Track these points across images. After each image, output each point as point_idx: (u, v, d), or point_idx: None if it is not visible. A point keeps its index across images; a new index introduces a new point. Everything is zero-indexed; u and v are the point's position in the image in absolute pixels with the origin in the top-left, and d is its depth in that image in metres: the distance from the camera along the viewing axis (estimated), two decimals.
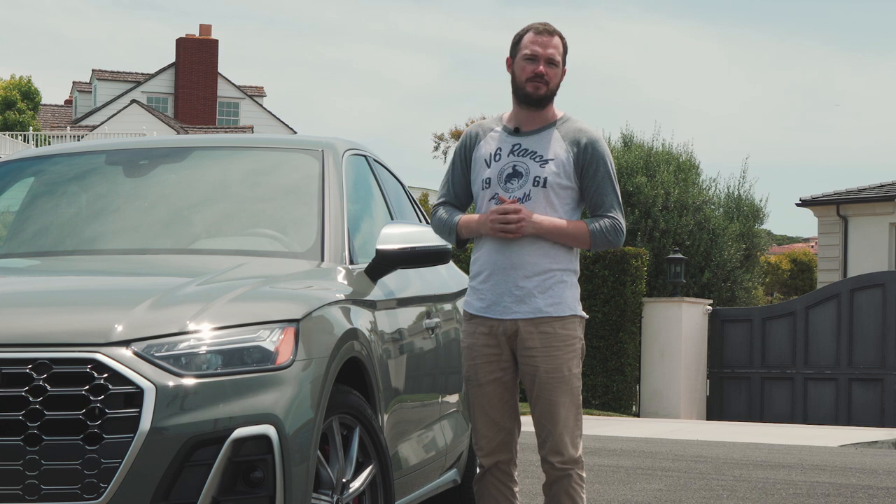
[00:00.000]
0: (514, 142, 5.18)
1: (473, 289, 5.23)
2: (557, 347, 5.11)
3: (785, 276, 44.93)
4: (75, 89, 57.79)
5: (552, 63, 5.13)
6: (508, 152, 5.16)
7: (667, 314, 24.26)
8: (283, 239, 5.66)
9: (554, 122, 5.19)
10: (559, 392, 5.11)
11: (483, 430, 5.22)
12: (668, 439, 16.20)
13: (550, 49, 5.12)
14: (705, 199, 29.12)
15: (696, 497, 9.33)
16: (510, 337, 5.14)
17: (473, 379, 5.22)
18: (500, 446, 5.23)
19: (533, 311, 5.10)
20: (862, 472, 11.70)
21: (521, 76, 5.14)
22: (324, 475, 4.74)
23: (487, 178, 5.16)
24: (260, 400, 4.44)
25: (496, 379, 5.19)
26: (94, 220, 5.91)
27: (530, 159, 5.13)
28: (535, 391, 5.14)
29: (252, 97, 57.41)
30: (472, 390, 5.23)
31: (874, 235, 30.65)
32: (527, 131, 5.18)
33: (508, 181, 5.13)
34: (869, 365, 23.93)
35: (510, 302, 5.11)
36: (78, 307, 4.62)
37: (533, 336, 5.10)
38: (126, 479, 4.26)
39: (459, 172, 5.29)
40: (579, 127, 5.19)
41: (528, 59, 5.13)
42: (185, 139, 6.41)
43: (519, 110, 5.21)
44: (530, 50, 5.13)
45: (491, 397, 5.20)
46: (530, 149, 5.15)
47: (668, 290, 25.64)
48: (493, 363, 5.18)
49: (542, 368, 5.10)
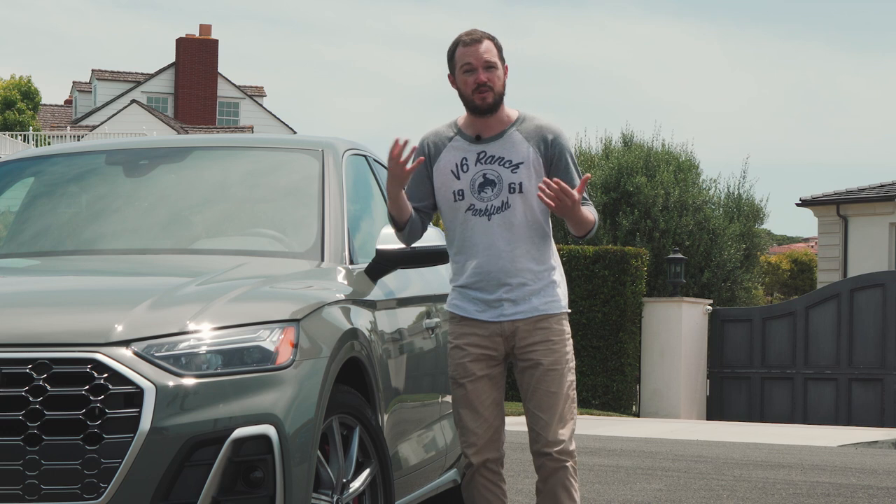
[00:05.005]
0: (478, 150, 5.23)
1: (462, 292, 5.30)
2: (555, 342, 5.25)
3: (785, 276, 44.94)
4: (75, 89, 57.79)
5: (490, 67, 5.17)
6: (475, 161, 5.21)
7: (667, 314, 24.26)
8: (283, 239, 5.66)
9: (512, 123, 5.25)
10: (557, 384, 5.24)
11: (473, 427, 5.28)
12: (668, 439, 16.20)
13: (484, 55, 5.16)
14: (705, 199, 29.14)
15: (696, 497, 9.33)
16: (507, 337, 5.25)
17: (463, 376, 5.29)
18: (489, 443, 5.30)
19: (530, 310, 5.22)
20: (862, 472, 11.70)
21: (465, 89, 5.20)
22: (324, 475, 4.74)
23: (460, 190, 5.22)
24: (260, 400, 4.44)
25: (486, 375, 5.28)
26: (94, 221, 5.91)
27: (499, 165, 5.19)
28: (533, 384, 5.24)
29: (252, 97, 57.40)
30: (460, 389, 5.30)
31: (874, 235, 30.65)
32: (488, 137, 5.23)
33: (482, 190, 5.19)
34: (869, 365, 23.93)
35: (507, 306, 5.22)
36: (78, 307, 4.62)
37: (532, 333, 5.23)
38: (126, 479, 4.26)
39: (418, 180, 5.30)
40: (539, 124, 5.25)
41: (466, 72, 5.18)
42: (185, 139, 6.41)
43: (474, 119, 5.25)
44: (465, 61, 5.17)
45: (481, 393, 5.28)
46: (497, 155, 5.20)
47: (668, 290, 25.64)
48: (484, 361, 5.27)
49: (544, 363, 5.23)
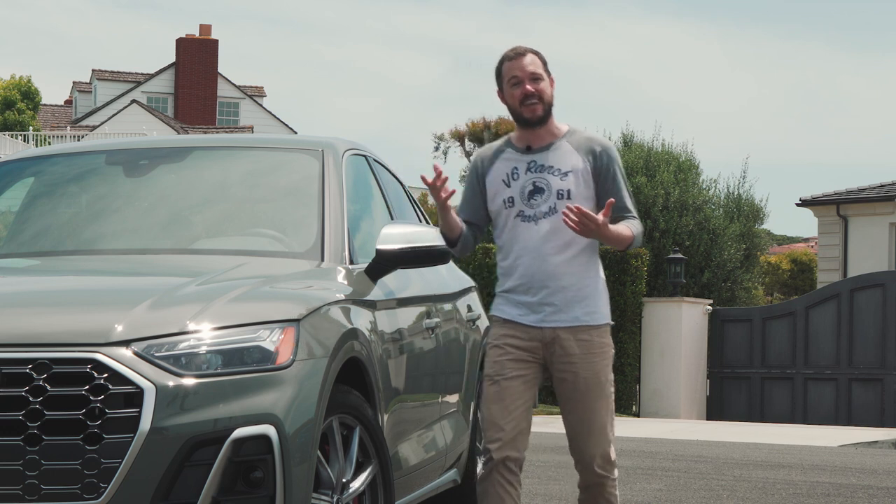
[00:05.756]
0: (528, 159, 5.36)
1: (507, 297, 5.36)
2: (595, 354, 5.29)
3: (785, 276, 44.93)
4: (75, 89, 57.79)
5: (536, 78, 5.30)
6: (525, 170, 5.34)
7: (667, 314, 24.26)
8: (283, 239, 5.66)
9: (562, 135, 5.37)
10: (597, 398, 5.29)
11: (501, 423, 5.30)
12: (668, 439, 16.20)
13: (529, 67, 5.30)
14: (705, 199, 29.14)
15: (696, 497, 9.33)
16: (547, 344, 5.29)
17: (498, 374, 5.31)
18: (513, 441, 5.31)
19: (572, 319, 5.28)
20: (862, 472, 11.70)
21: (513, 103, 5.32)
22: (324, 475, 4.75)
23: (510, 197, 5.33)
24: (260, 400, 4.44)
25: (522, 376, 5.31)
26: (94, 221, 5.91)
27: (549, 174, 5.31)
28: (573, 398, 5.31)
29: (252, 97, 57.40)
30: (494, 386, 5.32)
31: (874, 235, 30.65)
32: (538, 148, 5.36)
33: (531, 197, 5.31)
34: (869, 365, 23.93)
35: (549, 312, 5.28)
36: (78, 307, 4.62)
37: (572, 344, 5.27)
38: (126, 479, 4.27)
39: (470, 195, 5.45)
40: (589, 136, 5.39)
41: (513, 85, 5.31)
42: (185, 139, 6.42)
43: (524, 132, 5.38)
44: (512, 75, 5.31)
45: (513, 391, 5.31)
46: (546, 164, 5.33)
47: (668, 290, 25.64)
48: (521, 362, 5.31)
49: (582, 375, 5.27)
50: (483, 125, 55.04)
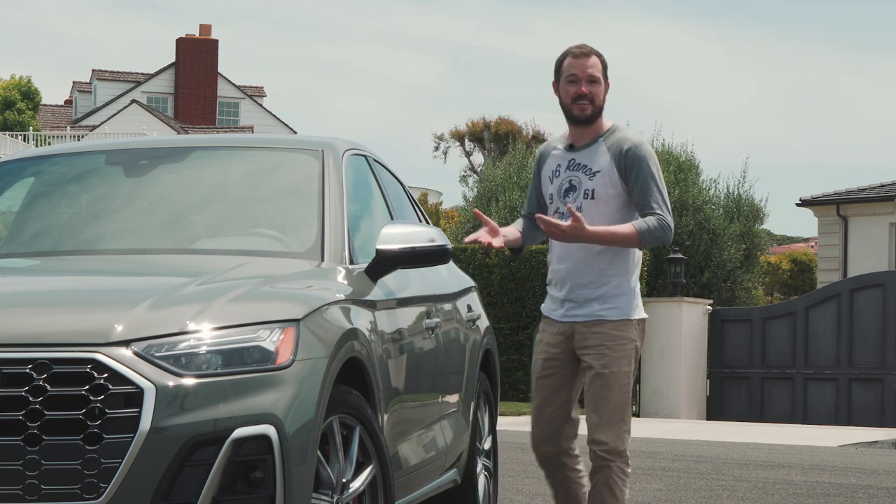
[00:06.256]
0: (570, 157, 5.59)
1: (548, 292, 5.67)
2: (609, 347, 5.48)
3: (785, 276, 44.95)
4: (75, 89, 57.80)
5: (593, 81, 5.48)
6: (566, 168, 5.58)
7: (667, 314, 24.25)
8: (283, 239, 5.66)
9: (601, 134, 5.55)
10: (607, 387, 5.47)
11: (535, 419, 5.66)
12: (668, 439, 16.20)
13: (589, 69, 5.48)
14: (705, 199, 29.12)
15: (696, 497, 9.34)
16: (568, 338, 5.55)
17: (535, 371, 5.67)
18: (546, 438, 5.63)
19: (588, 314, 5.51)
20: (862, 472, 11.71)
21: (566, 99, 5.52)
22: (324, 475, 4.74)
23: (551, 194, 5.60)
24: (260, 400, 4.44)
25: (553, 375, 5.60)
26: (94, 221, 5.91)
27: (582, 173, 5.54)
28: (587, 385, 5.53)
29: (252, 97, 57.42)
30: (534, 383, 5.67)
31: (874, 235, 30.65)
32: (579, 146, 5.57)
33: (567, 195, 5.55)
34: (869, 365, 23.92)
35: (570, 307, 5.54)
36: (78, 307, 4.62)
37: (587, 337, 5.50)
38: (126, 479, 4.27)
39: (534, 188, 5.75)
40: (622, 136, 5.54)
41: (570, 82, 5.51)
42: (185, 139, 6.41)
43: (572, 128, 5.59)
44: (571, 72, 5.49)
45: (545, 390, 5.62)
46: (582, 163, 5.55)
47: (668, 290, 25.63)
48: (554, 360, 5.59)
49: (595, 366, 5.48)
50: (483, 125, 55.03)
